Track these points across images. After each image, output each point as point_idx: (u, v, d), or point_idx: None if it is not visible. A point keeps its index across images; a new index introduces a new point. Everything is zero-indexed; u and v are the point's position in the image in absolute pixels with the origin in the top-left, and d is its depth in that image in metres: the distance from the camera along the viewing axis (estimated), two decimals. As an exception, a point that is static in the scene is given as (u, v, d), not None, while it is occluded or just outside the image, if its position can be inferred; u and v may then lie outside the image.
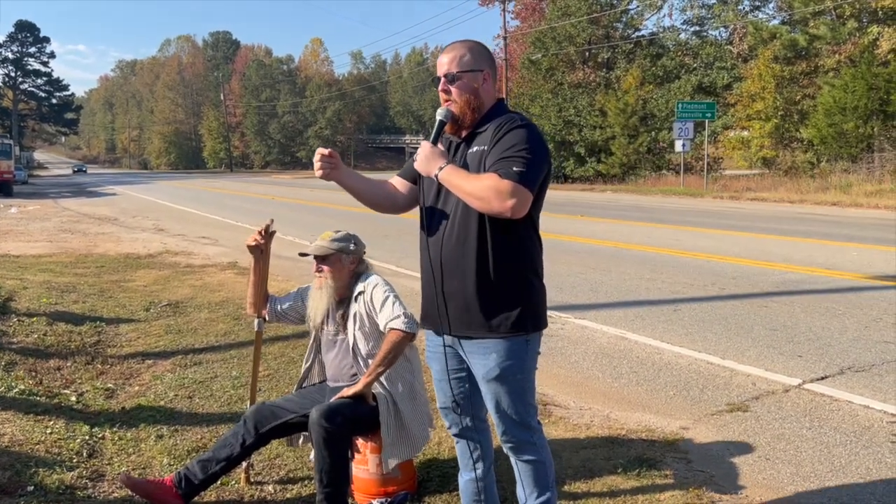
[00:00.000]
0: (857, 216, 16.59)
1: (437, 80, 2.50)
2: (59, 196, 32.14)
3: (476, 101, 2.47)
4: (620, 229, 14.13)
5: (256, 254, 3.28)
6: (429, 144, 2.47)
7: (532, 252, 2.48)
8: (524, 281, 2.46)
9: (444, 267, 2.48)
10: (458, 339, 2.53)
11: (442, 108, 2.48)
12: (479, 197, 2.28)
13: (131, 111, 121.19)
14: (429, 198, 2.56)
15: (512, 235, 2.42)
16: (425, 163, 2.44)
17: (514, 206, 2.25)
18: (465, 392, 2.66)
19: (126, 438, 3.95)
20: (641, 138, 32.19)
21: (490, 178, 2.27)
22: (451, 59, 2.47)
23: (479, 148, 2.43)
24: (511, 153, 2.30)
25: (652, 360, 5.51)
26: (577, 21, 34.88)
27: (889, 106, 24.24)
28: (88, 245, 13.21)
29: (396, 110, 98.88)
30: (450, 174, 2.37)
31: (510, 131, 2.36)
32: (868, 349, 5.55)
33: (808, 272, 8.80)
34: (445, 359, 2.62)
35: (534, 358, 2.53)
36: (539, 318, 2.51)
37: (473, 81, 2.46)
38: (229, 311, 7.18)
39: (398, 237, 12.14)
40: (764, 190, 24.36)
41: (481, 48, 2.53)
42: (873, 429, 4.06)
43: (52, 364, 5.31)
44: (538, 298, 2.50)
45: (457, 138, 2.53)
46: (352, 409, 3.01)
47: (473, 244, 2.41)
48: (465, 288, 2.44)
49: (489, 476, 2.81)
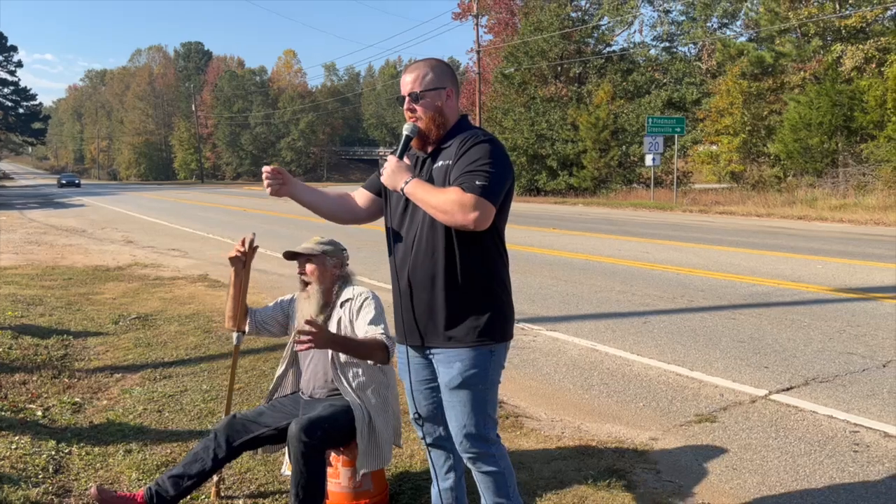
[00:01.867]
0: (823, 230, 16.94)
1: (402, 99, 2.55)
2: (26, 207, 31.59)
3: (440, 118, 2.53)
4: (592, 242, 14.26)
5: (238, 266, 3.24)
6: (395, 158, 2.52)
7: (498, 264, 2.54)
8: (490, 292, 2.51)
9: (412, 279, 2.53)
10: (427, 349, 2.58)
11: (408, 124, 2.54)
12: (444, 210, 2.34)
13: (101, 121, 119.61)
14: (396, 212, 2.60)
15: (478, 248, 2.48)
16: (392, 177, 2.49)
17: (477, 218, 2.31)
18: (436, 402, 2.70)
19: (94, 453, 3.89)
20: (612, 152, 32.57)
21: (454, 191, 2.33)
22: (414, 79, 2.52)
23: (444, 163, 2.49)
24: (474, 167, 2.37)
25: (622, 371, 5.57)
26: (549, 36, 35.24)
27: (853, 122, 24.83)
28: (56, 257, 13.00)
29: (370, 122, 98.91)
30: (415, 188, 2.42)
31: (473, 146, 2.43)
32: (832, 360, 5.67)
33: (774, 285, 8.96)
34: (415, 370, 2.68)
35: (497, 370, 2.57)
36: (505, 328, 2.55)
37: (437, 99, 2.53)
38: (199, 323, 7.12)
39: (372, 249, 12.13)
40: (732, 204, 24.76)
41: (444, 66, 2.58)
42: (836, 438, 4.15)
43: (17, 378, 5.22)
44: (504, 309, 2.55)
45: (423, 153, 2.59)
46: (330, 423, 3.01)
47: (441, 257, 2.46)
48: (433, 299, 2.50)
49: (460, 486, 2.85)
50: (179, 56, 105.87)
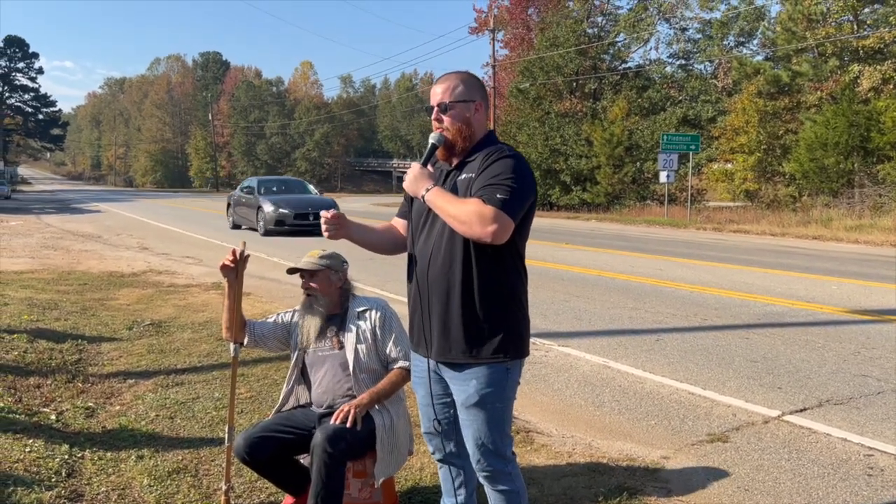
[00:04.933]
0: (838, 250, 16.81)
1: (430, 109, 2.55)
2: (43, 212, 31.90)
3: (468, 131, 2.52)
4: (604, 258, 14.23)
5: (230, 277, 3.18)
6: (418, 165, 2.52)
7: (516, 281, 2.52)
8: (507, 308, 2.48)
9: (429, 292, 2.51)
10: (442, 364, 2.56)
11: (435, 133, 2.54)
12: (462, 220, 2.32)
13: (118, 128, 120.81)
14: (418, 223, 2.60)
15: (497, 263, 2.45)
16: (413, 183, 2.49)
17: (496, 231, 2.29)
18: (449, 418, 2.67)
19: (106, 458, 3.92)
20: (626, 168, 32.52)
21: (474, 202, 2.32)
22: (444, 90, 2.52)
23: (468, 175, 2.48)
24: (497, 181, 2.35)
25: (634, 388, 5.55)
26: (565, 52, 35.35)
27: (869, 143, 24.69)
28: (71, 262, 13.11)
29: (385, 134, 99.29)
30: (436, 196, 2.41)
31: (498, 160, 2.41)
32: (846, 382, 5.62)
33: (788, 305, 8.90)
34: (430, 384, 2.65)
35: (513, 388, 2.55)
36: (521, 346, 2.53)
37: (465, 111, 2.52)
38: (212, 331, 7.15)
39: (382, 260, 12.13)
40: (747, 222, 24.63)
41: (474, 80, 2.59)
42: (850, 461, 4.11)
43: (31, 382, 5.26)
44: (521, 326, 2.53)
45: (448, 165, 2.59)
46: (352, 434, 3.03)
47: (458, 271, 2.44)
48: (448, 314, 2.47)
49: (472, 502, 2.83)
50: (197, 65, 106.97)
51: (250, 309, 7.80)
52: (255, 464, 3.17)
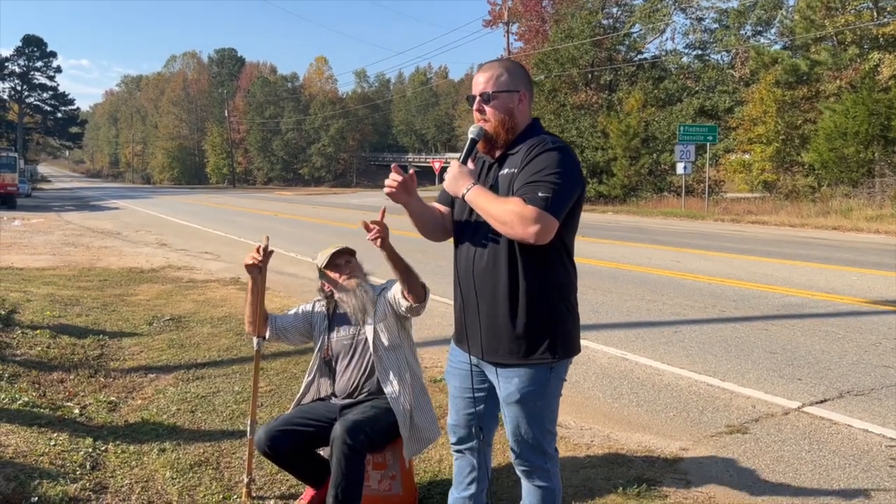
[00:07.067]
0: (858, 241, 16.63)
1: (473, 98, 2.45)
2: (63, 209, 32.25)
3: (510, 122, 2.42)
4: (621, 250, 14.17)
5: (255, 273, 3.24)
6: (458, 163, 2.43)
7: (563, 279, 2.42)
8: (553, 307, 2.40)
9: (475, 291, 2.44)
10: (486, 361, 2.50)
11: (474, 126, 2.44)
12: (503, 221, 2.23)
13: (135, 126, 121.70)
14: (461, 220, 2.52)
15: (543, 261, 2.36)
16: (453, 182, 2.40)
17: (538, 232, 2.20)
18: (478, 412, 2.63)
19: (129, 451, 3.97)
20: (643, 160, 32.31)
21: (515, 202, 2.22)
22: (487, 79, 2.42)
23: (510, 170, 2.37)
24: (539, 177, 2.25)
25: (652, 381, 5.53)
26: (580, 44, 35.14)
27: (890, 132, 24.36)
28: (92, 259, 13.26)
29: (399, 129, 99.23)
30: (476, 195, 2.32)
31: (541, 154, 2.31)
32: (867, 373, 5.57)
33: (808, 296, 8.83)
34: (470, 377, 2.59)
35: (557, 385, 2.48)
36: (570, 346, 2.45)
37: (509, 101, 2.41)
38: (231, 326, 7.21)
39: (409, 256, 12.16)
40: (765, 213, 24.42)
41: (519, 68, 2.49)
42: (872, 452, 4.08)
43: (55, 377, 5.34)
44: (569, 326, 2.45)
45: (490, 158, 2.50)
46: (372, 426, 3.06)
47: (504, 270, 2.37)
48: (495, 314, 2.41)
49: (480, 499, 2.77)
50: (213, 62, 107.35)
51: (268, 303, 7.82)
52: (276, 456, 3.20)
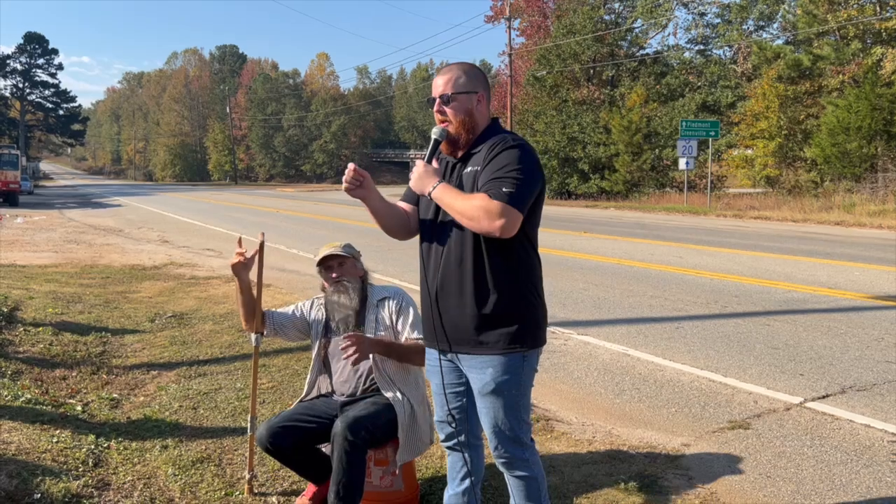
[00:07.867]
0: (861, 236, 16.60)
1: (433, 100, 2.55)
2: (65, 207, 32.28)
3: (471, 122, 2.51)
4: (623, 246, 14.16)
5: (241, 271, 3.23)
6: (423, 163, 2.52)
7: (529, 270, 2.51)
8: (522, 298, 2.48)
9: (441, 286, 2.52)
10: (457, 354, 2.57)
11: (437, 128, 2.53)
12: (470, 216, 2.32)
13: (137, 123, 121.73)
14: (427, 218, 2.61)
15: (509, 254, 2.45)
16: (420, 181, 2.49)
17: (503, 226, 2.28)
18: (461, 406, 2.70)
19: (131, 448, 3.98)
20: (645, 156, 32.28)
21: (480, 198, 2.31)
22: (446, 81, 2.52)
23: (474, 168, 2.47)
24: (502, 173, 2.34)
25: (654, 376, 5.53)
26: (581, 39, 35.08)
27: (893, 126, 24.30)
28: (94, 256, 13.28)
29: (401, 125, 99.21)
30: (442, 192, 2.41)
31: (502, 151, 2.40)
32: (869, 369, 5.57)
33: (810, 291, 8.82)
34: (443, 373, 2.66)
35: (530, 375, 2.55)
36: (537, 335, 2.53)
37: (468, 102, 2.51)
38: (233, 322, 7.22)
39: (401, 251, 12.18)
40: (767, 208, 24.39)
41: (476, 71, 2.58)
42: (874, 448, 4.07)
43: (57, 374, 5.35)
44: (536, 316, 2.53)
45: (453, 158, 2.58)
46: (373, 423, 3.06)
47: (470, 264, 2.45)
48: (462, 307, 2.48)
49: (474, 493, 2.81)
50: (214, 59, 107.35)
51: (270, 300, 7.87)
52: (277, 453, 3.21)
